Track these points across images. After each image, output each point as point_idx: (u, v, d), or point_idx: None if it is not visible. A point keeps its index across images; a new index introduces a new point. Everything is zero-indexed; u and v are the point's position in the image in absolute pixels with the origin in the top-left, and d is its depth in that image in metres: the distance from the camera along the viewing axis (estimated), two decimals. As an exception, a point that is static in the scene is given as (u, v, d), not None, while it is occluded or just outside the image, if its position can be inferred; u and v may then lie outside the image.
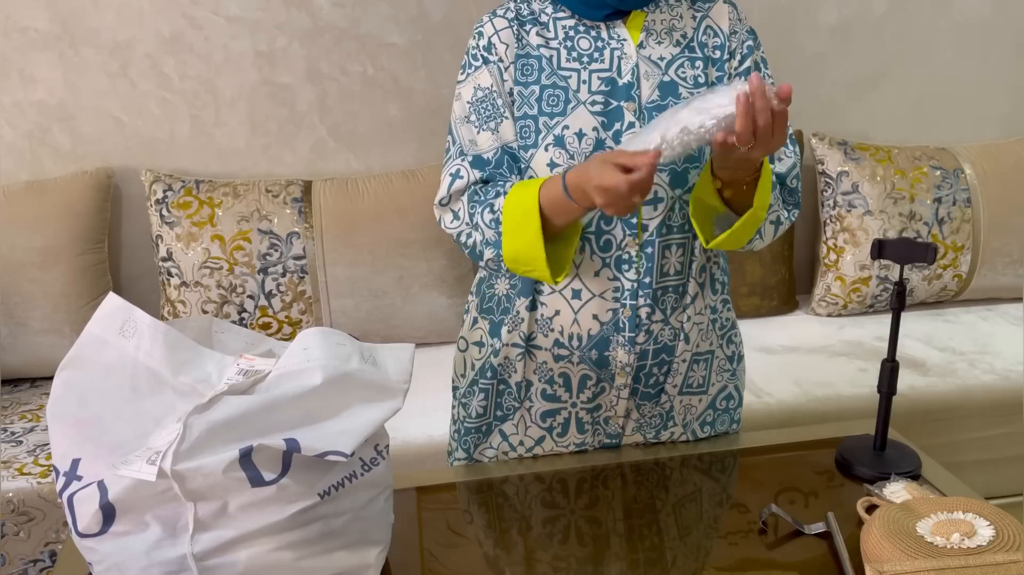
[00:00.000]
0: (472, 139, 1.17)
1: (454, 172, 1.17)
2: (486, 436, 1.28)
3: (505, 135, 1.16)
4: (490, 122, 1.16)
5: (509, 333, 1.22)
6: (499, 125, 1.16)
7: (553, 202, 1.06)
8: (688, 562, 1.00)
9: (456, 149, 1.18)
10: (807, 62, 2.48)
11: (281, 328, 2.13)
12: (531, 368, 1.22)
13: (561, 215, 1.07)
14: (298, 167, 2.30)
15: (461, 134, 1.18)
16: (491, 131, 1.16)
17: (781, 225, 1.19)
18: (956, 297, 2.48)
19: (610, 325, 1.17)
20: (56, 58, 2.11)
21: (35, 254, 2.03)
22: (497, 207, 1.11)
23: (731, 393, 1.30)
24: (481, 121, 1.16)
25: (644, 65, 1.14)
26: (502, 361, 1.23)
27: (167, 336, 0.87)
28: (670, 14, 1.17)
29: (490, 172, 1.16)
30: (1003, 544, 0.90)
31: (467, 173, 1.16)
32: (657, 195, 1.13)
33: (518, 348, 1.22)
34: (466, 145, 1.18)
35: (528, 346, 1.21)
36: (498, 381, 1.25)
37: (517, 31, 1.16)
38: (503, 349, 1.23)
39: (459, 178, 1.16)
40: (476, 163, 1.16)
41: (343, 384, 0.87)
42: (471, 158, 1.17)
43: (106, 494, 0.81)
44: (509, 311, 1.22)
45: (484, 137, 1.16)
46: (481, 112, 1.16)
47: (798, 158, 1.21)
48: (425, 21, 2.24)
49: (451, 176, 1.17)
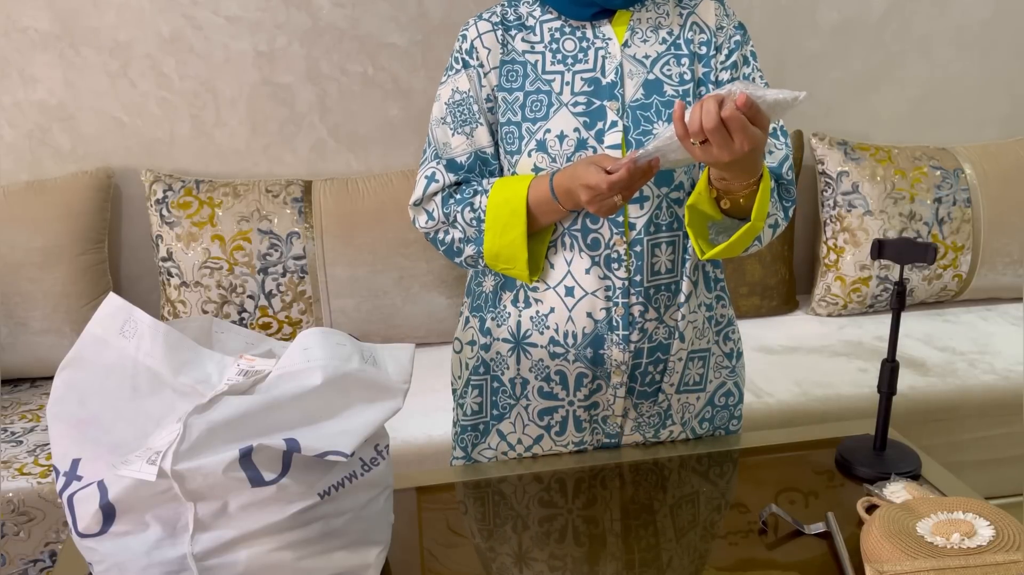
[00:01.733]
0: (446, 142, 1.19)
1: (429, 175, 1.20)
2: (484, 436, 1.28)
3: (479, 141, 1.19)
4: (465, 127, 1.18)
5: (498, 327, 1.22)
6: (473, 131, 1.18)
7: (540, 203, 1.11)
8: (688, 562, 1.00)
9: (431, 151, 1.21)
10: (807, 62, 2.48)
11: (281, 328, 2.13)
12: (527, 365, 1.22)
13: (546, 215, 1.13)
14: (298, 167, 2.30)
15: (436, 136, 1.21)
16: (465, 135, 1.18)
17: (779, 227, 1.19)
18: (956, 297, 2.48)
19: (604, 323, 1.17)
20: (56, 58, 2.11)
21: (35, 254, 2.03)
22: (478, 205, 1.15)
23: (730, 390, 1.30)
24: (456, 124, 1.18)
25: (628, 64, 1.15)
26: (494, 356, 1.24)
27: (167, 336, 0.87)
28: (656, 12, 1.17)
29: (463, 176, 1.19)
30: (1003, 544, 0.90)
31: (442, 177, 1.19)
32: (643, 193, 1.13)
33: (508, 343, 1.22)
34: (440, 148, 1.20)
35: (523, 343, 1.21)
36: (491, 378, 1.25)
37: (502, 36, 1.17)
38: (494, 344, 1.23)
39: (434, 181, 1.19)
40: (450, 167, 1.19)
41: (343, 384, 0.87)
42: (445, 162, 1.19)
43: (106, 494, 0.81)
44: (495, 306, 1.23)
45: (458, 140, 1.18)
46: (457, 116, 1.18)
47: (789, 150, 1.20)
48: (425, 21, 2.24)
49: (426, 179, 1.20)
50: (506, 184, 1.14)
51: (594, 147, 1.13)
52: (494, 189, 1.14)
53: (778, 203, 1.19)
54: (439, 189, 1.19)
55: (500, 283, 1.23)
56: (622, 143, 1.12)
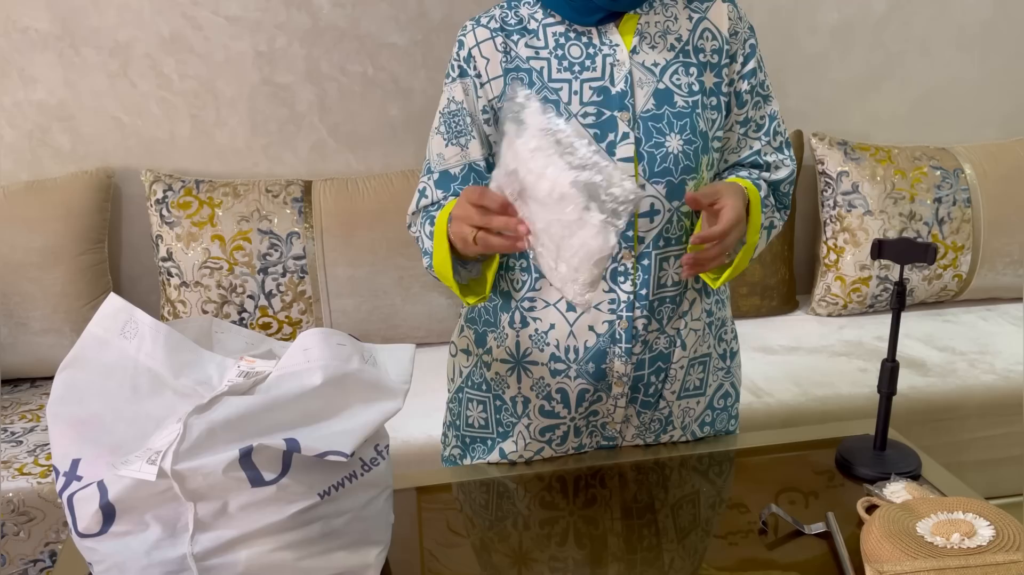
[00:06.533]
0: (440, 152, 1.16)
1: (421, 190, 1.19)
2: (488, 452, 1.27)
3: (472, 154, 1.15)
4: (459, 138, 1.15)
5: (498, 347, 1.21)
6: (468, 142, 1.15)
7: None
8: (688, 562, 1.00)
9: (426, 164, 1.19)
10: (807, 62, 2.48)
11: (281, 328, 2.13)
12: (527, 384, 1.20)
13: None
14: (298, 167, 2.30)
15: (431, 147, 1.18)
16: (460, 147, 1.15)
17: (774, 229, 1.19)
18: (956, 297, 2.48)
19: (607, 336, 1.14)
20: (56, 58, 2.11)
21: (35, 254, 2.03)
22: (435, 219, 1.12)
23: (727, 391, 1.29)
24: (450, 135, 1.16)
25: (638, 72, 1.10)
26: (494, 376, 1.22)
27: (168, 338, 0.87)
28: (664, 15, 1.13)
29: (455, 189, 1.15)
30: (1003, 544, 0.90)
31: (431, 192, 1.17)
32: (654, 207, 1.09)
33: (507, 364, 1.20)
34: (434, 160, 1.17)
35: (523, 362, 1.19)
36: (493, 396, 1.24)
37: (503, 43, 1.12)
38: (494, 364, 1.22)
39: (424, 196, 1.18)
40: (442, 181, 1.16)
41: (343, 384, 0.87)
42: (437, 176, 1.17)
43: (106, 494, 0.81)
44: (493, 325, 1.21)
45: (451, 152, 1.16)
46: (451, 126, 1.15)
47: (794, 164, 1.21)
48: (425, 21, 2.24)
49: (419, 193, 1.19)
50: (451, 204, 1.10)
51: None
52: (447, 205, 1.11)
53: (773, 207, 1.19)
54: (428, 204, 1.17)
55: (498, 304, 1.20)
56: (634, 156, 1.08)
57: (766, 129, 1.19)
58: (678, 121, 1.10)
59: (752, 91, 1.17)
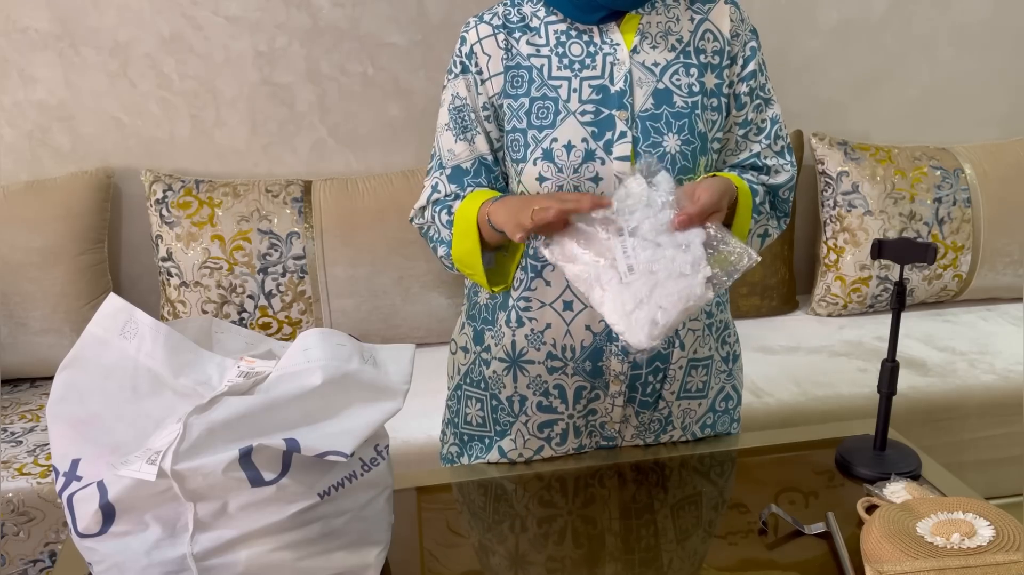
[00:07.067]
0: (451, 148, 1.18)
1: (433, 185, 1.19)
2: (486, 451, 1.27)
3: (479, 148, 1.17)
4: (466, 133, 1.16)
5: (495, 346, 1.21)
6: (474, 137, 1.16)
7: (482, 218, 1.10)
8: (688, 562, 1.00)
9: (436, 160, 1.20)
10: (807, 62, 2.48)
11: (281, 328, 2.13)
12: (524, 383, 1.20)
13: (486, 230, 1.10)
14: (298, 167, 2.30)
15: (441, 143, 1.19)
16: (467, 142, 1.17)
17: (768, 237, 1.19)
18: (956, 297, 2.48)
19: (603, 335, 1.15)
20: (56, 58, 2.11)
21: (35, 254, 2.03)
22: (453, 209, 1.14)
23: (729, 393, 1.29)
24: (458, 131, 1.17)
25: (637, 71, 1.11)
26: (491, 374, 1.23)
27: (168, 338, 0.87)
28: (666, 15, 1.13)
29: (468, 182, 1.17)
30: (1003, 544, 0.90)
31: (444, 187, 1.18)
32: None
33: (504, 363, 1.21)
34: (445, 156, 1.18)
35: (519, 362, 1.19)
36: (490, 395, 1.24)
37: (505, 40, 1.13)
38: (492, 362, 1.22)
39: (436, 191, 1.18)
40: (454, 176, 1.17)
41: (343, 384, 0.87)
42: (449, 171, 1.18)
43: (106, 494, 0.81)
44: (490, 323, 1.22)
45: (461, 147, 1.17)
46: (458, 122, 1.17)
47: (795, 170, 1.20)
48: (425, 21, 2.24)
49: (430, 188, 1.19)
50: (475, 195, 1.13)
51: (602, 159, 1.09)
52: (468, 196, 1.13)
53: (771, 214, 1.19)
54: (439, 199, 1.18)
55: (498, 302, 1.21)
56: (631, 155, 1.09)
57: (767, 132, 1.19)
58: (676, 121, 1.10)
59: (752, 94, 1.17)
